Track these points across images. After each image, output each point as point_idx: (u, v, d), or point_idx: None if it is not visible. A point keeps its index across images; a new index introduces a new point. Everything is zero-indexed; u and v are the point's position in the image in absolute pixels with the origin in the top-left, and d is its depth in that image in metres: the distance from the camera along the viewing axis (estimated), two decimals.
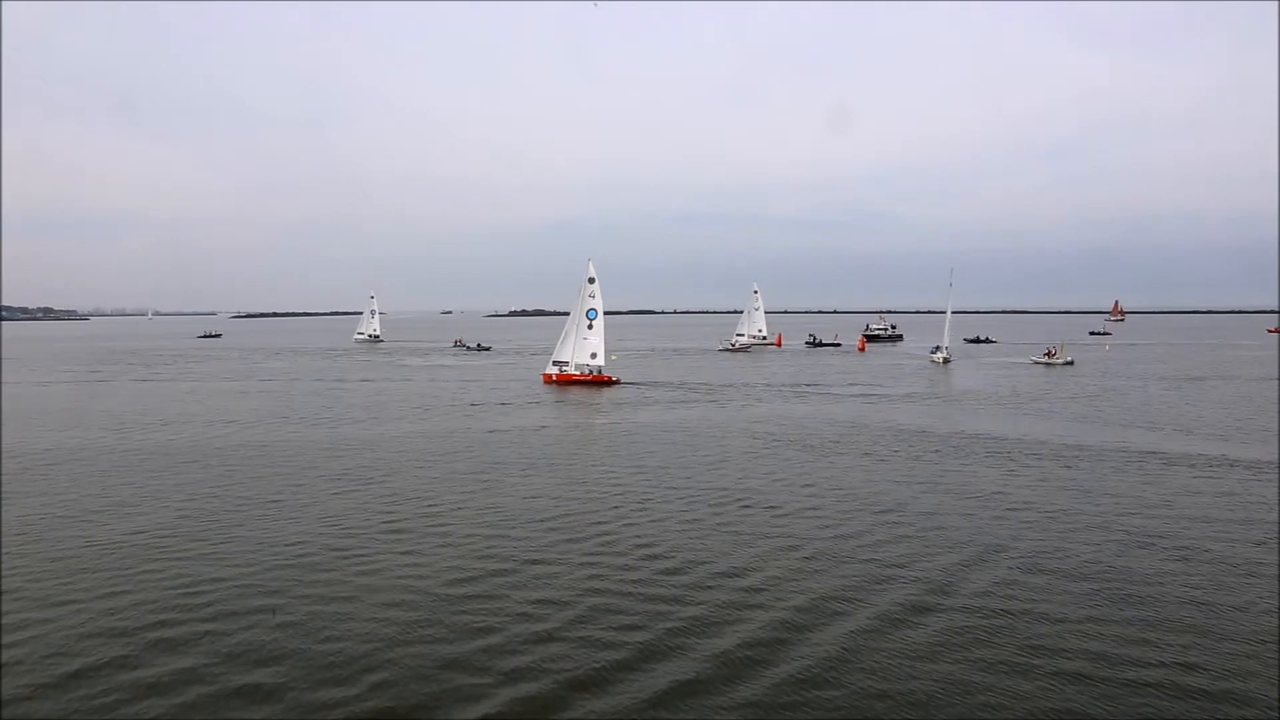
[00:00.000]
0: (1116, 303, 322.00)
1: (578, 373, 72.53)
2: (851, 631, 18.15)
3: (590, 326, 72.06)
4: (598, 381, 72.04)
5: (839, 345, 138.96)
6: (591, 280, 71.57)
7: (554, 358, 74.11)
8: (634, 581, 21.30)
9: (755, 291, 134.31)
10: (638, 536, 25.37)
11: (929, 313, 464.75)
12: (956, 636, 17.92)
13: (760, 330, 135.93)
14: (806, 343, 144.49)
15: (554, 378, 73.04)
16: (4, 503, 29.80)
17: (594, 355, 72.27)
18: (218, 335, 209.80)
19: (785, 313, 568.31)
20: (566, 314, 76.65)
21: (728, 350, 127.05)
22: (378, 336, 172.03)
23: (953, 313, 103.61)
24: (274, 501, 30.28)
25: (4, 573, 22.02)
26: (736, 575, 21.84)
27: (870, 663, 16.66)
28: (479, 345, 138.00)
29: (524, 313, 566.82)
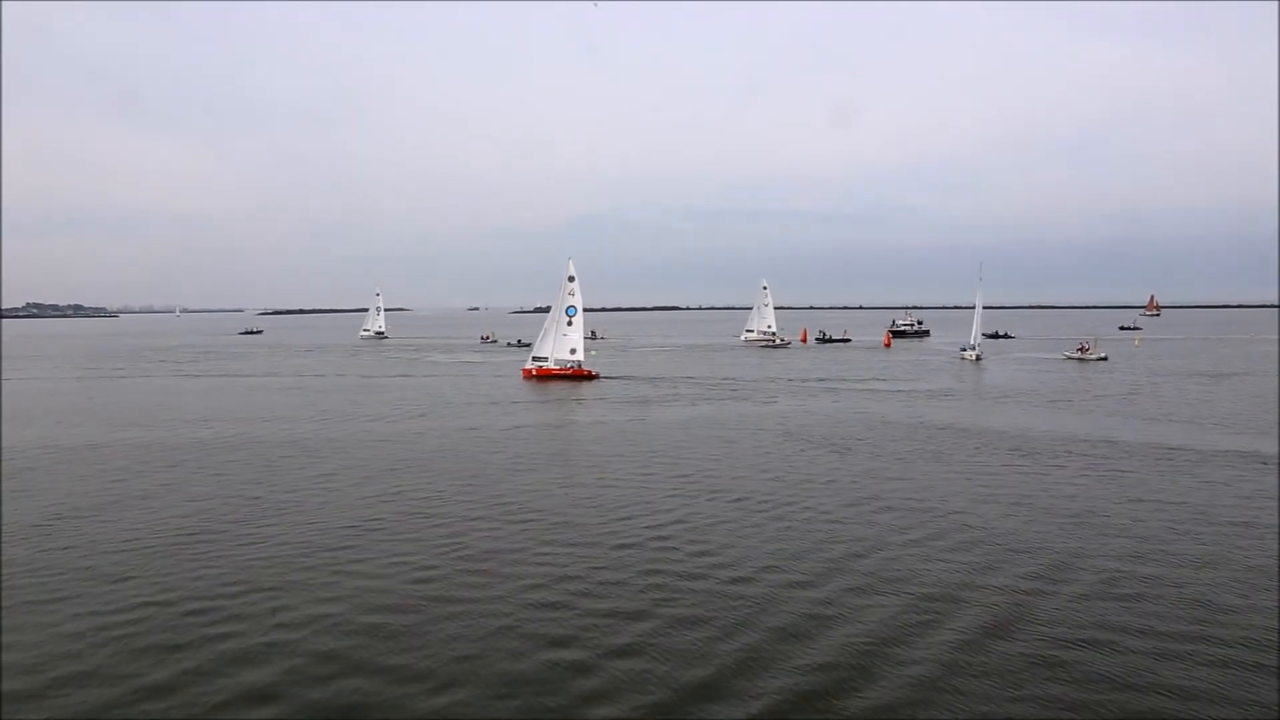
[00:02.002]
0: (1152, 297, 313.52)
1: (557, 367, 73.51)
2: (924, 641, 17.65)
3: (570, 323, 73.44)
4: (577, 375, 73.29)
5: (849, 341, 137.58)
6: (571, 279, 73.18)
7: (533, 353, 75.47)
8: (702, 589, 20.69)
9: (764, 288, 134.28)
10: (700, 540, 24.70)
11: (952, 308, 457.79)
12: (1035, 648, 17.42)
13: (770, 326, 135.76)
14: (816, 338, 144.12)
15: (534, 372, 74.12)
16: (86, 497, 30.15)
17: (573, 350, 73.51)
18: (259, 332, 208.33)
19: (811, 309, 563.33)
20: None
21: (768, 346, 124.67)
22: (382, 333, 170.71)
23: (984, 308, 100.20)
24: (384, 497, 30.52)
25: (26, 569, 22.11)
26: (805, 579, 21.29)
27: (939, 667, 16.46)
28: (519, 341, 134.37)
29: (549, 309, 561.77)
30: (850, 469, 34.83)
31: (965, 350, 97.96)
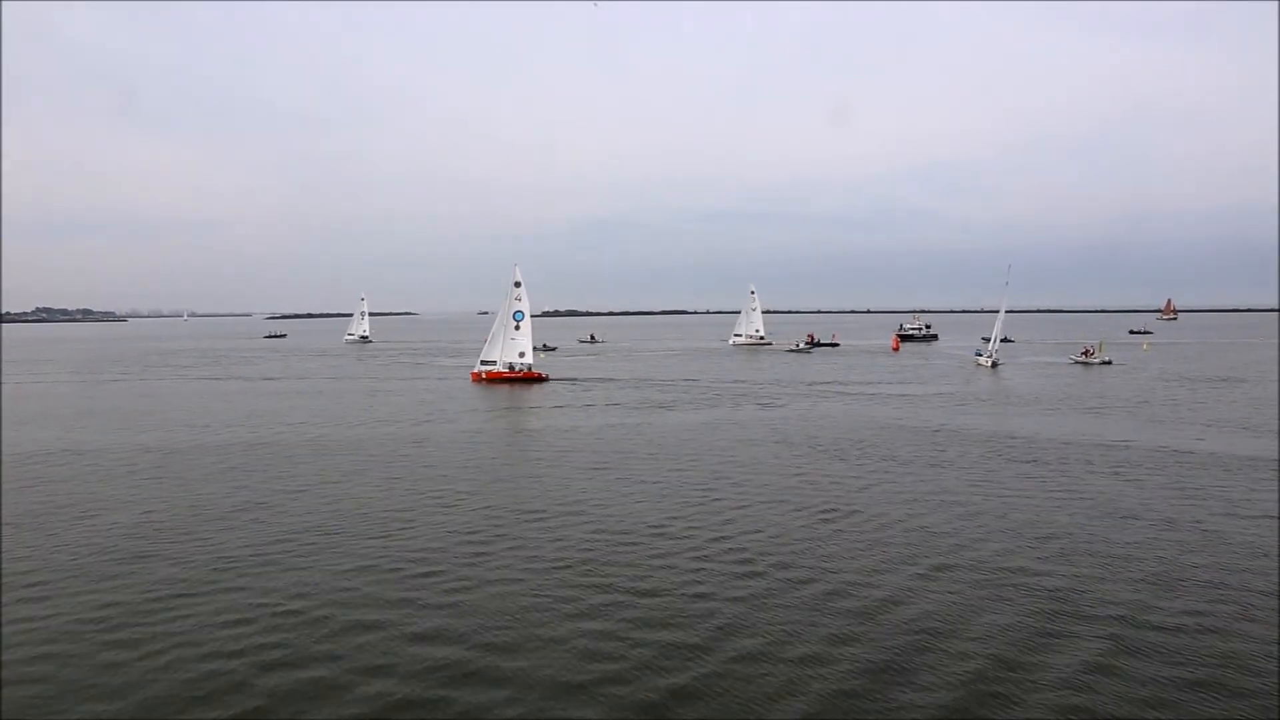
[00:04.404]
0: (1169, 301, 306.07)
1: (506, 370, 75.04)
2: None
3: (518, 328, 75.14)
4: (527, 378, 74.62)
5: (837, 345, 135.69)
6: (518, 284, 74.99)
7: (482, 357, 76.87)
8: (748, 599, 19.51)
9: (752, 292, 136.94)
10: (742, 549, 23.26)
11: (960, 312, 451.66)
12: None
13: (758, 330, 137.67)
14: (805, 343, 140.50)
15: (483, 376, 75.37)
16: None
17: (522, 354, 74.86)
18: (283, 336, 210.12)
19: (819, 312, 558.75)
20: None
21: (793, 351, 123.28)
22: (367, 337, 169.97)
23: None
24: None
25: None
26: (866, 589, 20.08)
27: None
28: (544, 345, 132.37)
29: (556, 313, 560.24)
30: (872, 476, 33.23)
31: (981, 355, 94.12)
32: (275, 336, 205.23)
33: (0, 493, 30.75)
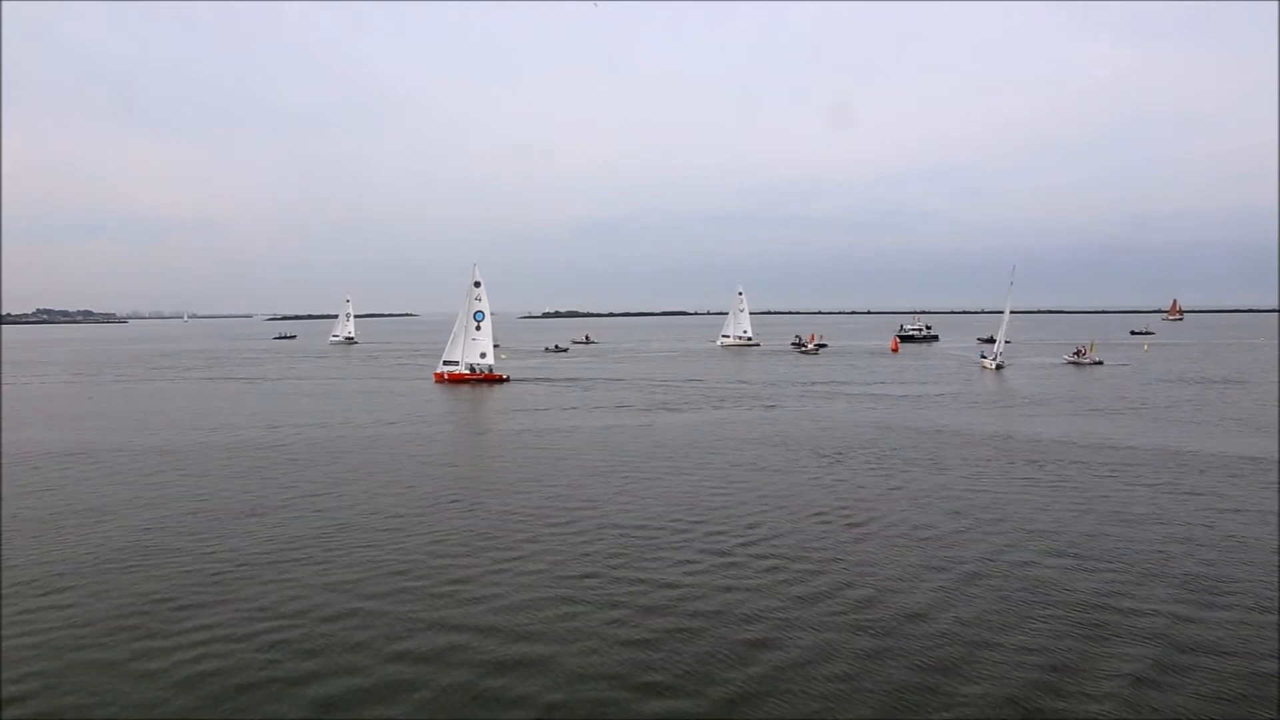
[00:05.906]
0: (1175, 301, 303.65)
1: (467, 371, 74.20)
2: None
3: (479, 328, 74.32)
4: (489, 380, 73.72)
5: (825, 345, 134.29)
6: (477, 284, 74.20)
7: (444, 358, 75.91)
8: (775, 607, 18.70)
9: (740, 294, 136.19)
10: (768, 555, 22.57)
11: (960, 313, 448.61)
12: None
13: (745, 331, 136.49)
14: (792, 344, 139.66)
15: (445, 377, 74.47)
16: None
17: (483, 355, 74.04)
18: (292, 337, 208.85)
19: (819, 313, 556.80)
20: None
21: (804, 352, 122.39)
22: (352, 339, 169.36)
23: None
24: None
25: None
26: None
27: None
28: (556, 346, 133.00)
29: (557, 314, 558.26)
30: (885, 480, 32.39)
31: (985, 358, 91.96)
32: (285, 338, 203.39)
33: (0, 494, 30.67)
